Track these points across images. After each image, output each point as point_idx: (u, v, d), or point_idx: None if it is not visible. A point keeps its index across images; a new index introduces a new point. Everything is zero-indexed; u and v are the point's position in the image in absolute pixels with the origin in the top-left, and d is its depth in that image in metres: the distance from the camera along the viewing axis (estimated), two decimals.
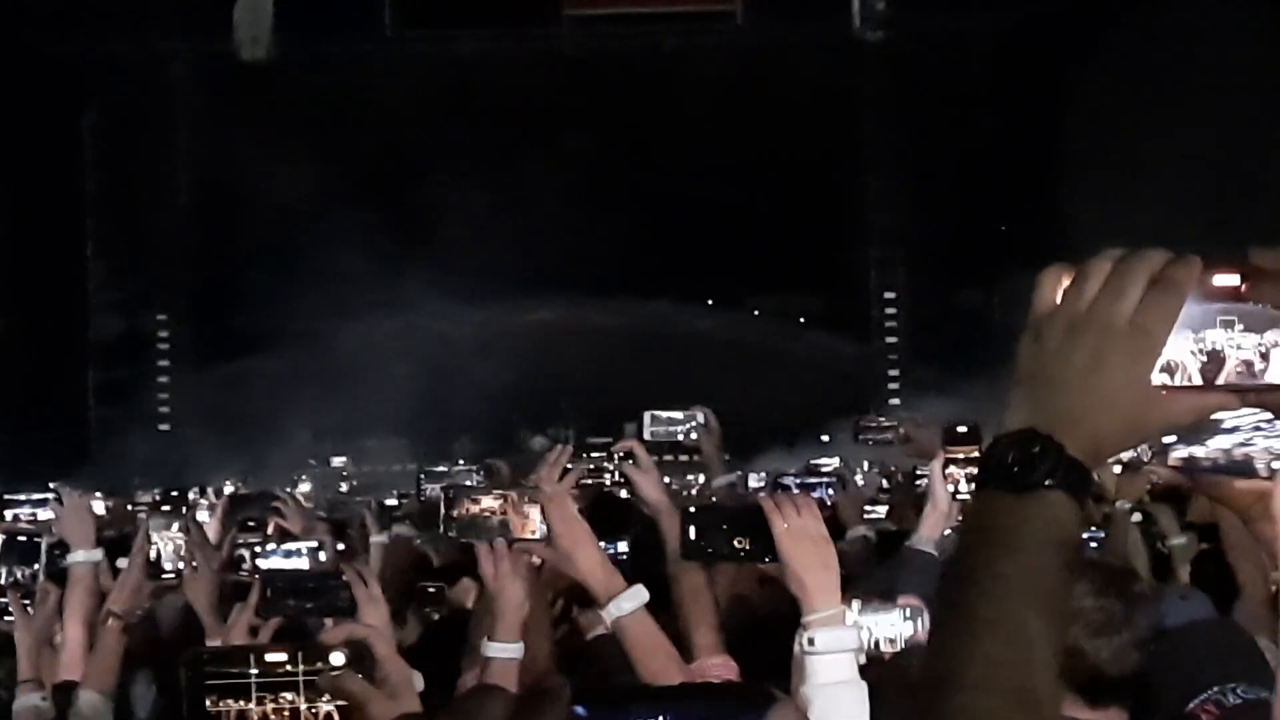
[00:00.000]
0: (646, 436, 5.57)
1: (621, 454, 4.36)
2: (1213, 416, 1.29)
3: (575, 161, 41.17)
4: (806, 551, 2.87)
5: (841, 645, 2.80)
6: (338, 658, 2.63)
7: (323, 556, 6.25)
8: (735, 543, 3.06)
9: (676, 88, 40.41)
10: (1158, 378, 1.23)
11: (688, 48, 40.87)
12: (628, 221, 40.01)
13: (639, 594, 3.52)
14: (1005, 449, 1.26)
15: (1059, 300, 1.26)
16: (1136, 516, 7.01)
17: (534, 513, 3.73)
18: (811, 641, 2.79)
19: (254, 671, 2.61)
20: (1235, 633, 4.15)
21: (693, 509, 3.25)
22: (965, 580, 1.24)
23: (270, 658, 2.62)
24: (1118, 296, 1.24)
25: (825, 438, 32.76)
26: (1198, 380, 1.23)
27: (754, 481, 11.06)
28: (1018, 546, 1.23)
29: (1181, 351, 1.23)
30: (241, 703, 2.59)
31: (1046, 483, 1.25)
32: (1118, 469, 7.38)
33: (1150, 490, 7.62)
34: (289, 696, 2.58)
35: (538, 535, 3.69)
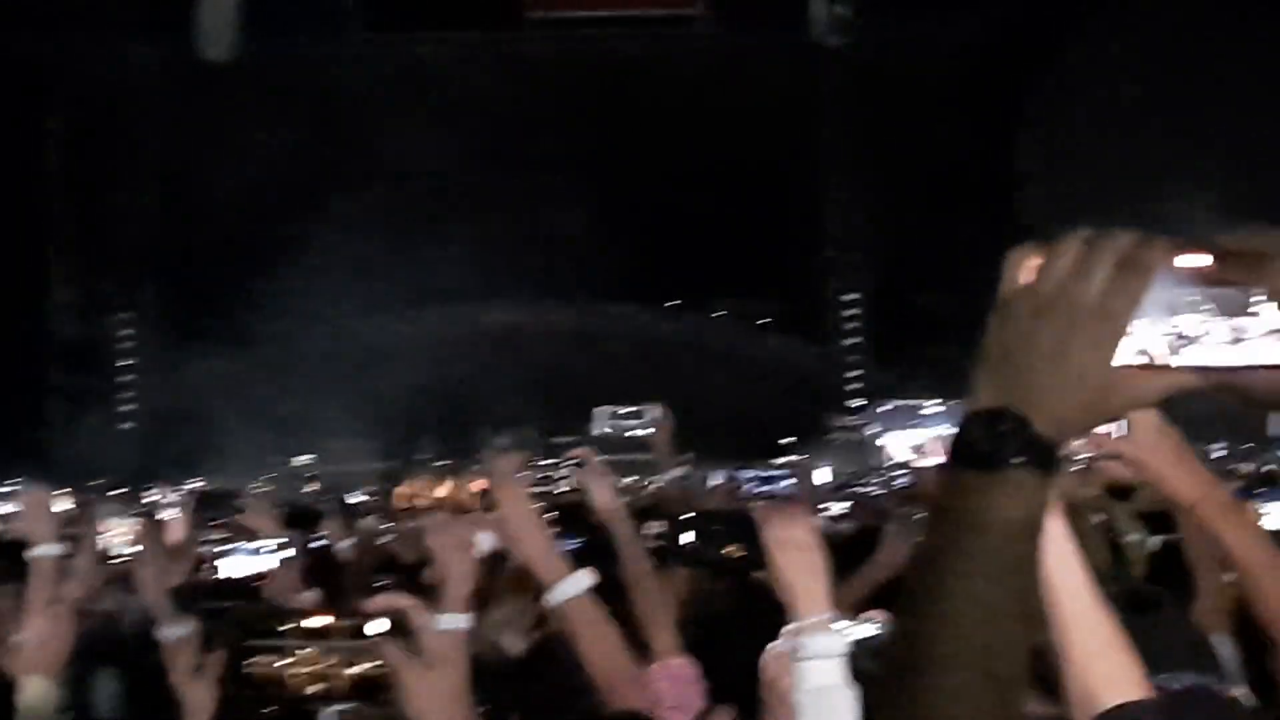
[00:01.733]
0: (599, 432, 5.59)
1: (574, 460, 4.34)
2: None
3: (537, 163, 41.12)
4: (795, 559, 2.88)
5: (829, 651, 2.80)
6: (378, 625, 2.63)
7: (290, 554, 6.19)
8: (728, 550, 3.07)
9: (638, 91, 40.42)
10: (1130, 361, 1.23)
11: (649, 51, 40.87)
12: (589, 223, 40.00)
13: (583, 578, 3.52)
14: (973, 427, 1.26)
15: (1028, 280, 1.26)
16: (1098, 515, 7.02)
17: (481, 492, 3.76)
18: (800, 648, 2.79)
19: (293, 631, 2.62)
20: (1183, 624, 4.17)
21: (686, 516, 3.25)
22: (932, 561, 1.23)
23: (311, 622, 2.62)
24: (1085, 278, 1.24)
25: (787, 440, 32.84)
26: (1170, 364, 1.23)
27: (716, 478, 11.08)
28: (986, 526, 1.22)
29: (1154, 336, 1.23)
30: (276, 660, 2.60)
31: (1016, 460, 1.25)
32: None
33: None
34: (327, 659, 2.59)
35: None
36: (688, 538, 3.19)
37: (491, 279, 40.57)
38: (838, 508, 10.60)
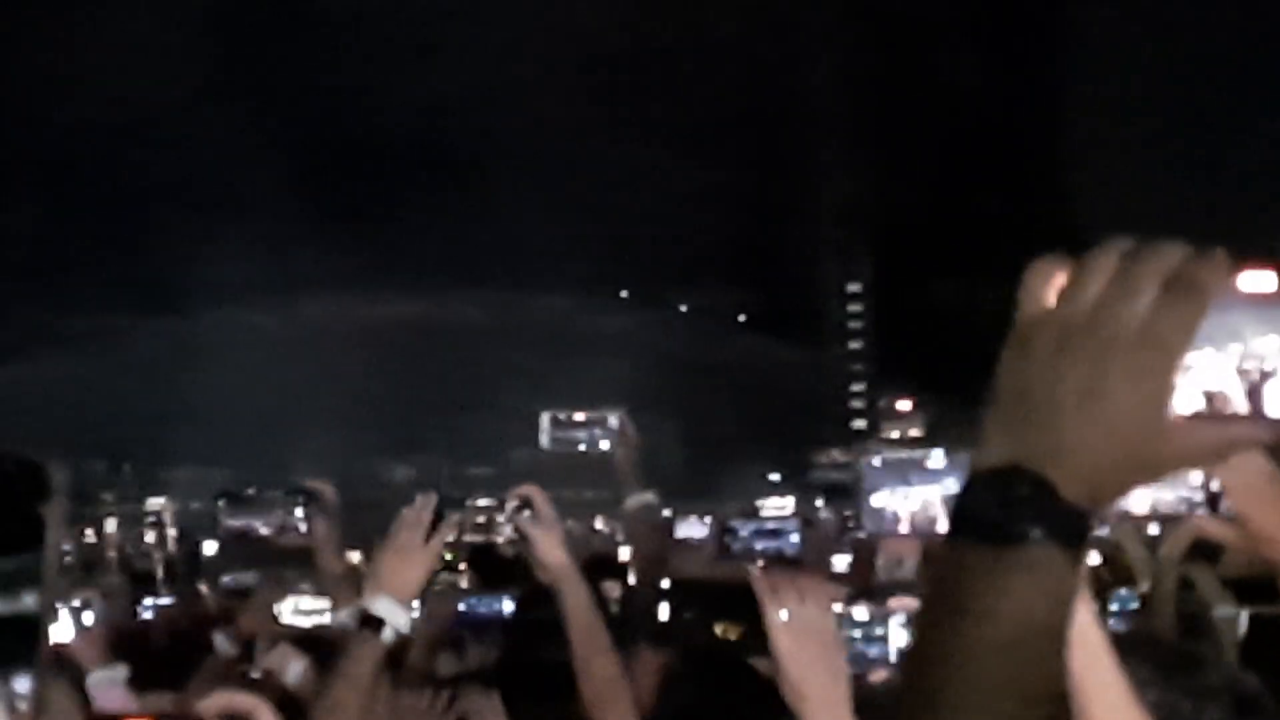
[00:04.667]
0: (545, 444, 5.63)
1: (516, 502, 4.35)
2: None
3: (440, 108, 41.05)
4: (810, 653, 2.83)
5: None
6: None
7: (90, 617, 6.17)
8: (718, 629, 3.05)
9: (585, 16, 40.39)
10: (1195, 404, 1.25)
11: None
12: (512, 191, 39.92)
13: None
14: (981, 490, 1.27)
15: (1051, 302, 1.28)
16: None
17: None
18: None
19: None
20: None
21: (668, 584, 3.25)
22: (927, 657, 1.24)
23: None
24: (1125, 299, 1.26)
25: (775, 476, 32.79)
26: (1244, 408, 1.25)
27: (692, 528, 11.07)
28: (997, 615, 1.24)
29: (1210, 374, 1.25)
30: None
31: (1034, 534, 1.26)
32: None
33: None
34: None
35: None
36: (664, 612, 3.20)
37: (386, 260, 40.45)
38: (839, 562, 10.71)
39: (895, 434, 38.91)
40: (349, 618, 3.78)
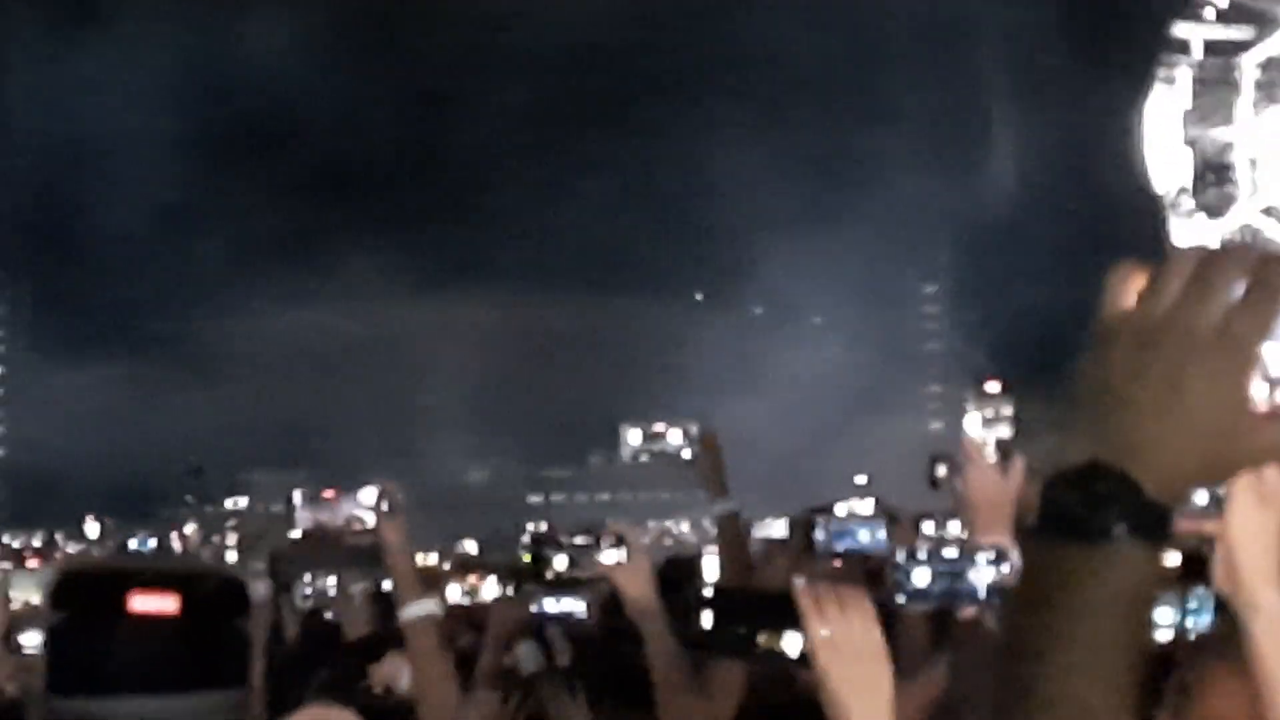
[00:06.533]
0: (627, 455, 5.67)
1: (611, 540, 4.44)
2: None
3: (519, 108, 41.04)
4: (852, 668, 2.79)
5: None
6: None
7: None
8: (759, 638, 3.05)
9: (629, 25, 40.24)
10: (1260, 399, 1.29)
11: None
12: (588, 192, 39.94)
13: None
14: (1065, 488, 1.31)
15: (1132, 304, 1.33)
16: None
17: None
18: None
19: None
20: None
21: (709, 592, 3.27)
22: (1019, 650, 1.29)
23: None
24: (1203, 300, 1.29)
25: (861, 479, 32.68)
26: None
27: (770, 529, 11.04)
28: (1082, 608, 1.28)
29: None
30: None
31: (1117, 529, 1.31)
32: None
33: None
34: None
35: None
36: (707, 620, 3.20)
37: (460, 263, 40.58)
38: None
39: (989, 414, 38.81)
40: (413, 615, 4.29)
